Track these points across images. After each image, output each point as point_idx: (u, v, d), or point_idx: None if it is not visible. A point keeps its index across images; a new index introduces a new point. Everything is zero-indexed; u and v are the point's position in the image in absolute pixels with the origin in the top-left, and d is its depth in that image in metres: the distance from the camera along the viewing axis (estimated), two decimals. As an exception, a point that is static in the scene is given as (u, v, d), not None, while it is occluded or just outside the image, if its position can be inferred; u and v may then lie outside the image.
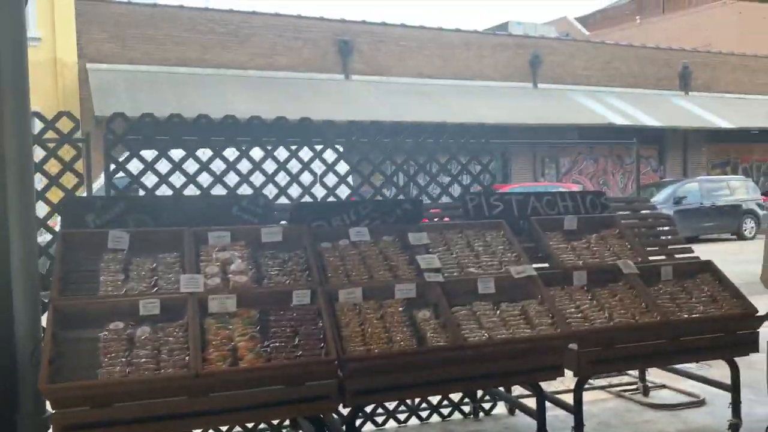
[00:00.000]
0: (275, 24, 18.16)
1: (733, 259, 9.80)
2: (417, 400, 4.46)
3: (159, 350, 2.96)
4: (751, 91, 24.47)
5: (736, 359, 4.19)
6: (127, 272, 3.29)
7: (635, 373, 5.10)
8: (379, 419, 4.39)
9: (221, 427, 3.67)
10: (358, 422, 4.28)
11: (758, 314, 4.03)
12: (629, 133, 20.40)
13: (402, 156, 4.55)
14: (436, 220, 4.51)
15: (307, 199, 4.27)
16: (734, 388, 4.20)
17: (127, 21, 16.62)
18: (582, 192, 4.83)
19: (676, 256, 4.57)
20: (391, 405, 4.40)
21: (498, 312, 3.64)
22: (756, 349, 4.08)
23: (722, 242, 17.29)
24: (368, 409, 4.31)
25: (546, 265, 4.22)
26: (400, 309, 3.50)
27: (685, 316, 3.91)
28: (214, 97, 15.14)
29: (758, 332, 4.07)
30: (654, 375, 5.08)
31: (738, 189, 18.23)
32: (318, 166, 4.31)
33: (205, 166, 3.98)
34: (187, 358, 2.91)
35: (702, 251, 5.88)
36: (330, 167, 4.29)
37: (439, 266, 3.78)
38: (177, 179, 3.93)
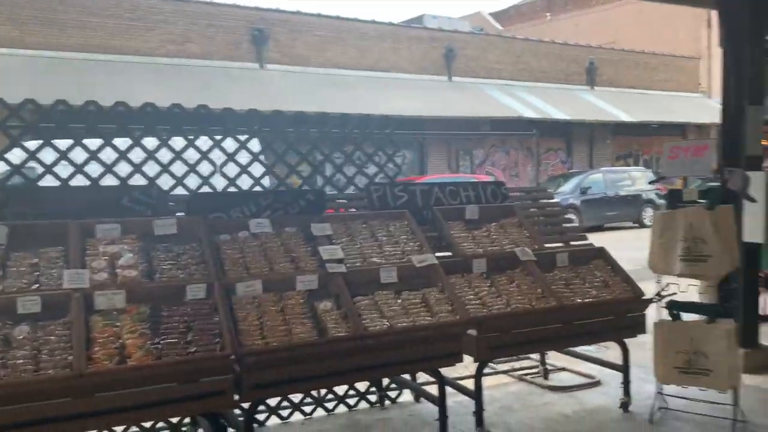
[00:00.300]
0: (186, 10, 17.54)
1: (631, 245, 10.30)
2: (324, 391, 4.44)
3: (39, 350, 2.80)
4: (650, 86, 25.85)
5: (628, 340, 4.41)
6: (5, 268, 3.08)
7: (537, 357, 5.27)
8: (285, 413, 4.33)
9: (116, 429, 3.52)
10: (262, 416, 4.22)
11: (645, 297, 4.25)
12: (539, 126, 21.14)
13: (307, 146, 4.49)
14: (342, 210, 4.48)
15: (206, 190, 4.14)
16: (625, 368, 4.43)
17: (26, 3, 15.59)
18: (483, 182, 4.94)
19: (572, 243, 4.75)
20: (296, 398, 4.35)
21: (400, 301, 3.67)
22: (643, 331, 4.31)
23: (624, 230, 18.18)
24: (273, 402, 4.24)
25: (449, 253, 4.29)
26: (301, 301, 3.46)
27: (579, 300, 4.07)
28: (120, 85, 14.46)
29: (645, 314, 4.29)
30: (554, 358, 5.27)
31: (639, 180, 19.19)
32: (219, 156, 4.18)
33: (93, 155, 3.78)
34: (69, 357, 2.77)
35: (605, 239, 6.19)
36: (230, 157, 4.17)
37: (342, 257, 3.77)
38: (63, 170, 3.71)
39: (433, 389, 3.99)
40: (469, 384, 4.11)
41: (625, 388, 4.43)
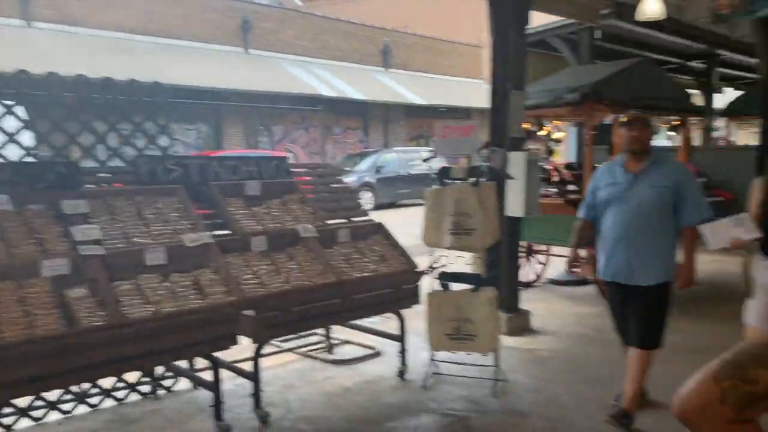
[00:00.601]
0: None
1: (417, 222, 10.89)
2: (88, 385, 4.01)
3: None
4: (439, 71, 27.47)
5: (406, 311, 4.59)
6: None
7: (323, 331, 5.30)
8: (40, 413, 3.84)
9: None
10: (8, 420, 3.70)
11: (418, 270, 4.44)
12: (337, 105, 21.42)
13: (62, 113, 3.96)
14: (104, 185, 4.04)
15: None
16: (401, 338, 4.61)
17: None
18: (266, 158, 4.79)
19: (353, 219, 4.80)
20: (53, 395, 3.87)
21: (167, 284, 3.41)
22: (418, 302, 4.51)
23: (416, 207, 19.21)
24: (23, 403, 3.73)
25: (228, 231, 4.08)
26: (47, 289, 3.05)
27: (357, 275, 4.12)
28: None
29: (419, 286, 4.49)
30: (339, 332, 5.33)
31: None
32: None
33: None
34: None
35: (397, 215, 6.34)
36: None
37: (100, 237, 3.40)
38: None
39: (210, 375, 3.79)
40: (250, 366, 3.98)
41: (402, 357, 4.62)
